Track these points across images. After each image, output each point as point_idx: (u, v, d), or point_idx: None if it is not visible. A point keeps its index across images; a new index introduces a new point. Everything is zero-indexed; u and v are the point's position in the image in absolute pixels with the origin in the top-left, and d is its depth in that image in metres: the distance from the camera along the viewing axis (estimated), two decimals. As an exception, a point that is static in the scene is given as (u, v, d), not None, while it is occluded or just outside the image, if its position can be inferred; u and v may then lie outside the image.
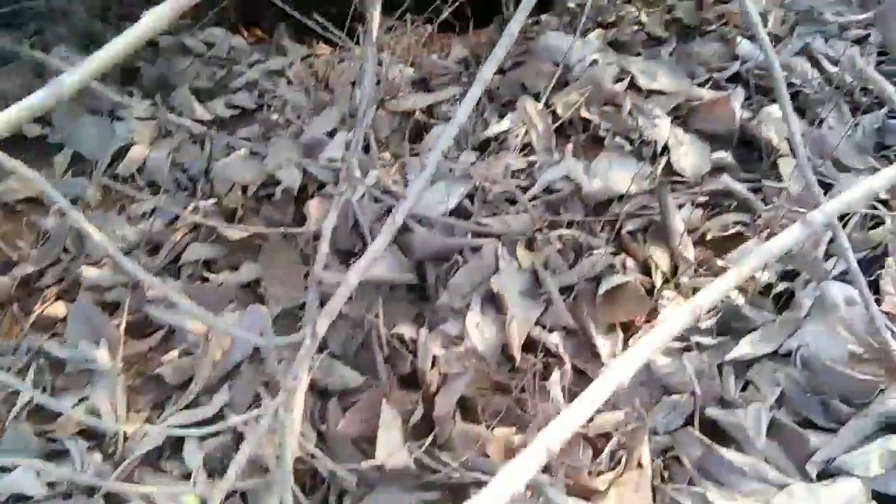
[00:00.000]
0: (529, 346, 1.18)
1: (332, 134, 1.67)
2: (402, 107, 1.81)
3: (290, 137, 1.65)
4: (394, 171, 1.59)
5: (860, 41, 1.71)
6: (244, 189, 1.50)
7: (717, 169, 1.48)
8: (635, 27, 2.06)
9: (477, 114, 1.79)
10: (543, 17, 2.40)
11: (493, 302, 1.24)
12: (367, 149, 1.67)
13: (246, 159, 1.53)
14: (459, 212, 1.47)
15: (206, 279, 1.36)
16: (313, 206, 1.47)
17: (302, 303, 1.26)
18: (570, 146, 1.60)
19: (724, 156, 1.49)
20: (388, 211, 1.48)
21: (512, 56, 1.99)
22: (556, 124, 1.65)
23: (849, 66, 1.62)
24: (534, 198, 1.48)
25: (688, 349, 1.09)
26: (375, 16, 1.29)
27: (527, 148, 1.61)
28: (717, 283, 0.68)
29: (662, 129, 1.56)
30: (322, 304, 1.22)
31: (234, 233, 1.38)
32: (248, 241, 1.39)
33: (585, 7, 2.07)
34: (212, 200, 1.45)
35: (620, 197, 1.42)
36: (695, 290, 1.17)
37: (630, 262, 1.27)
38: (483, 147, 1.69)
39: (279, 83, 1.94)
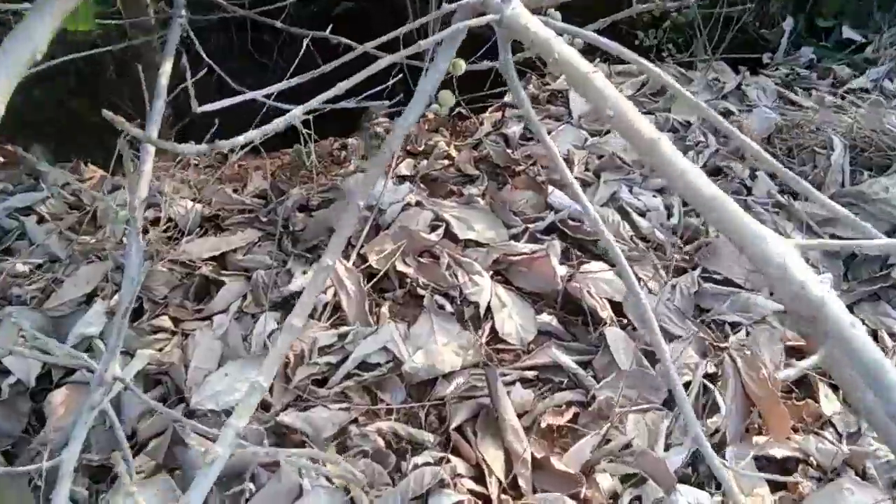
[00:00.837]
0: None
1: (90, 298, 1.34)
2: (188, 256, 1.53)
3: (32, 305, 1.29)
4: (171, 347, 1.29)
5: (662, 190, 1.76)
6: (-45, 386, 1.11)
7: (544, 334, 1.38)
8: (445, 161, 1.98)
9: (278, 262, 1.56)
10: (350, 140, 2.28)
11: (298, 536, 0.99)
12: (137, 315, 1.36)
13: (-39, 342, 1.15)
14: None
15: None
16: (56, 403, 1.13)
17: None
18: (385, 308, 1.42)
19: (550, 319, 1.39)
20: (163, 400, 1.18)
21: (317, 192, 1.81)
22: (371, 283, 1.47)
23: (657, 222, 1.63)
24: (347, 376, 1.26)
25: None
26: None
27: (338, 312, 1.40)
28: None
29: (484, 288, 1.44)
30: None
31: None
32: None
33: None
34: None
35: (446, 374, 1.25)
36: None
37: (462, 467, 1.09)
38: (284, 305, 1.46)
39: (27, 223, 1.57)
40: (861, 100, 2.16)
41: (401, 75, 1.80)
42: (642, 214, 1.66)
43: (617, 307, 1.40)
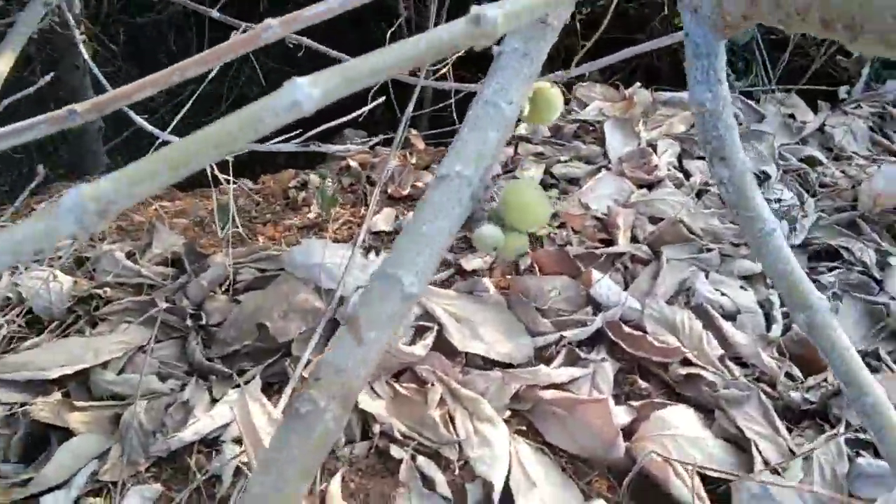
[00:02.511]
0: None
1: None
2: (23, 374, 0.95)
3: None
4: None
5: (751, 277, 1.21)
6: None
7: (599, 543, 0.83)
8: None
9: (175, 387, 0.99)
10: (313, 175, 1.71)
11: None
12: None
13: None
14: None
15: None
16: None
17: None
18: (336, 481, 0.86)
19: (608, 516, 0.84)
20: None
21: (248, 262, 1.24)
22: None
23: (754, 332, 1.09)
24: None
25: None
26: None
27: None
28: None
29: (499, 452, 0.88)
30: None
31: None
32: None
33: (375, 190, 1.42)
34: None
35: None
36: None
37: None
38: (174, 461, 0.89)
39: None
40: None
41: (383, 97, 1.25)
42: (731, 318, 1.12)
43: (716, 489, 0.86)
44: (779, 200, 1.45)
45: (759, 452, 0.89)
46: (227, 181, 1.18)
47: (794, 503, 0.83)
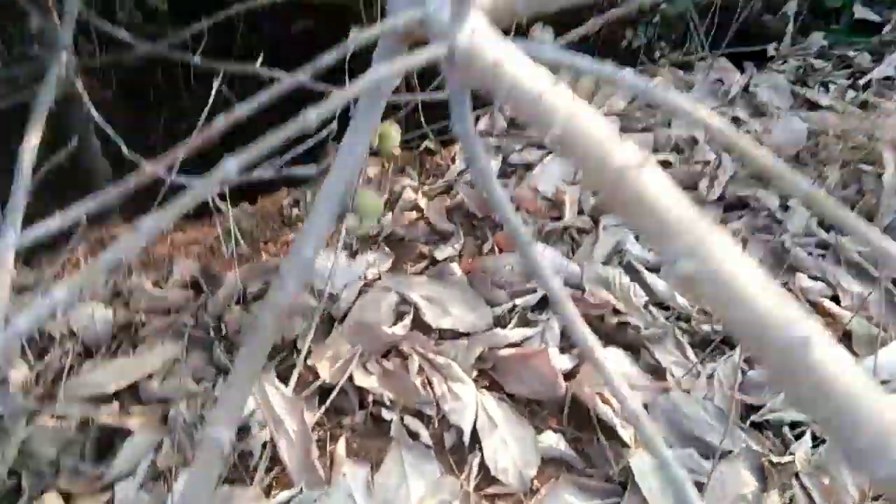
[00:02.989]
0: None
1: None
2: (89, 390, 1.20)
3: None
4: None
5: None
6: None
7: (551, 462, 1.06)
8: (413, 213, 1.65)
9: (208, 387, 1.23)
10: (309, 193, 1.94)
11: None
12: (14, 495, 1.03)
13: None
14: None
15: None
16: None
17: None
18: (341, 444, 1.09)
19: (556, 440, 1.07)
20: None
21: (259, 276, 1.48)
22: (322, 406, 1.14)
23: (677, 283, 1.31)
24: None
25: None
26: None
27: (275, 466, 1.07)
28: None
29: (467, 403, 1.11)
30: None
31: None
32: None
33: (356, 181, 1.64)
34: None
35: (422, 549, 0.93)
36: None
37: None
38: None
39: None
40: (888, 91, 1.84)
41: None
42: (655, 270, 1.34)
43: (640, 414, 1.08)
44: (707, 163, 1.66)
45: (673, 377, 1.11)
46: (225, 200, 1.41)
47: (698, 412, 1.05)
